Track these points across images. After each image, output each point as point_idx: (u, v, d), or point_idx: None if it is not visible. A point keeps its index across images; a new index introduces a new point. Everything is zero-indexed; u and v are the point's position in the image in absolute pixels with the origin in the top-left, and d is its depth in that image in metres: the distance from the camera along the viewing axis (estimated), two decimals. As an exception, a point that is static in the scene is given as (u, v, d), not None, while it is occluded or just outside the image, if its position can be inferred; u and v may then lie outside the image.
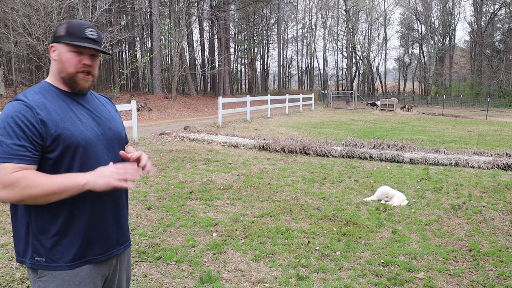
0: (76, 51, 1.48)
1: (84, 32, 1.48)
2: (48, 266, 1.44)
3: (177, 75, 27.36)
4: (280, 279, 3.26)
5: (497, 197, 5.73)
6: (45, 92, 1.48)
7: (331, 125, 16.56)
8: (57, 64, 1.50)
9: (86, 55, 1.50)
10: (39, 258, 1.44)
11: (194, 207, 5.08)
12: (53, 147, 1.41)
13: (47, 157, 1.41)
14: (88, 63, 1.50)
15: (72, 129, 1.44)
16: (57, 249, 1.44)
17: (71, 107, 1.49)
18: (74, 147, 1.43)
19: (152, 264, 3.51)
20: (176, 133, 11.46)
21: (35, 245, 1.44)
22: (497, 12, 45.27)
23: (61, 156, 1.42)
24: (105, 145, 1.54)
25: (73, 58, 1.48)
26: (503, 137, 13.23)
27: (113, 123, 1.63)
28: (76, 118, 1.47)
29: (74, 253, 1.46)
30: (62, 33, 1.48)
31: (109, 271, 1.60)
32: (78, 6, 18.36)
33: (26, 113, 1.37)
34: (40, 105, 1.41)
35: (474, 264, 3.59)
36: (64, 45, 1.48)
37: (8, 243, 3.89)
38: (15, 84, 22.61)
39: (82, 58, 1.49)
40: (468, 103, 39.56)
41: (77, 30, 1.48)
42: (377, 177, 6.90)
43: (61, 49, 1.48)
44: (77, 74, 1.49)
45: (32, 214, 1.43)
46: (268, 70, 56.47)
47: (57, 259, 1.44)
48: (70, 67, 1.48)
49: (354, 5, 40.12)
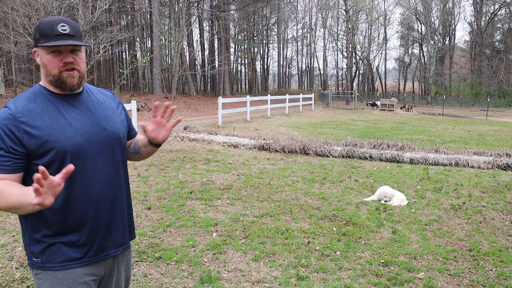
0: (53, 51, 1.42)
1: (56, 28, 1.40)
2: (43, 267, 1.46)
3: (177, 75, 27.37)
4: (280, 279, 3.26)
5: (497, 197, 5.73)
6: (35, 97, 1.46)
7: (331, 125, 16.56)
8: (42, 68, 1.47)
9: (64, 52, 1.43)
10: (35, 259, 1.48)
11: (194, 207, 5.08)
12: (39, 154, 1.39)
13: (34, 163, 1.40)
14: (68, 60, 1.43)
15: (58, 136, 1.41)
16: (51, 250, 1.46)
17: (61, 110, 1.46)
18: (61, 154, 1.41)
19: (152, 264, 3.51)
20: (176, 133, 11.46)
21: (32, 247, 1.48)
22: (497, 12, 45.28)
23: (49, 163, 1.40)
24: (98, 147, 1.50)
25: (53, 60, 1.42)
26: (503, 137, 13.23)
27: (109, 123, 1.56)
28: (65, 123, 1.44)
29: (67, 254, 1.47)
30: (37, 36, 1.43)
31: (105, 271, 1.60)
32: (78, 6, 18.37)
33: (8, 122, 1.37)
34: (25, 111, 1.40)
35: (474, 264, 3.59)
36: (42, 48, 1.43)
37: (8, 243, 3.90)
38: (15, 84, 22.61)
39: (62, 57, 1.43)
40: (468, 103, 39.55)
41: (48, 29, 1.40)
42: (377, 177, 6.90)
43: (41, 53, 1.44)
44: (61, 73, 1.44)
45: (27, 217, 1.47)
46: (268, 70, 56.48)
47: (51, 259, 1.46)
48: (53, 68, 1.43)
49: (354, 5, 40.13)
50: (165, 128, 1.64)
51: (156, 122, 1.63)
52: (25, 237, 1.50)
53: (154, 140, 1.65)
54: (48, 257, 1.46)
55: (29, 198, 1.25)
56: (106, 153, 1.53)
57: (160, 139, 1.65)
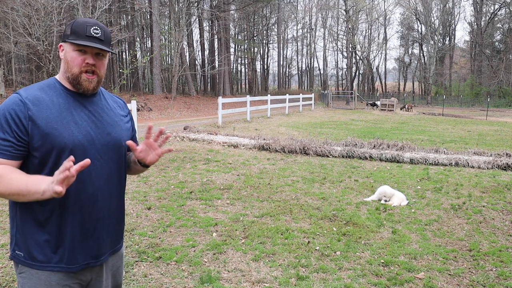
0: (80, 50, 1.46)
1: (88, 30, 1.45)
2: (25, 262, 1.45)
3: (177, 75, 27.36)
4: (280, 279, 3.26)
5: (497, 197, 5.73)
6: (48, 89, 1.47)
7: (331, 125, 16.56)
8: (64, 63, 1.49)
9: (90, 54, 1.46)
10: (18, 251, 1.46)
11: (194, 207, 5.08)
12: (38, 145, 1.39)
13: (33, 155, 1.40)
14: (91, 62, 1.46)
15: (62, 131, 1.41)
16: (35, 247, 1.44)
17: (70, 107, 1.46)
18: (59, 149, 1.40)
19: (152, 264, 3.51)
20: (176, 133, 11.46)
21: (17, 239, 1.46)
22: (497, 12, 45.29)
23: (46, 156, 1.40)
24: (98, 150, 1.49)
25: (77, 58, 1.46)
26: (503, 137, 13.23)
27: (114, 129, 1.56)
28: (71, 120, 1.44)
29: (48, 256, 1.44)
30: (68, 32, 1.47)
31: (91, 276, 1.55)
32: (78, 6, 18.36)
33: (17, 107, 1.37)
34: (35, 100, 1.40)
35: (474, 264, 3.59)
36: (69, 44, 1.47)
37: (8, 243, 3.89)
38: (15, 84, 22.62)
39: (85, 57, 1.46)
40: (468, 103, 39.56)
41: (81, 29, 1.45)
42: (377, 177, 6.90)
43: (67, 48, 1.47)
44: (81, 74, 1.46)
45: (18, 208, 1.45)
46: (268, 70, 56.49)
47: (34, 257, 1.44)
48: (74, 66, 1.46)
49: (354, 5, 40.14)
50: (155, 152, 1.60)
51: (147, 144, 1.58)
52: (13, 228, 1.48)
53: (142, 160, 1.61)
54: (30, 253, 1.44)
55: (38, 186, 1.28)
56: (105, 158, 1.52)
57: (147, 162, 1.60)
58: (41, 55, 17.80)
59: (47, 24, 17.40)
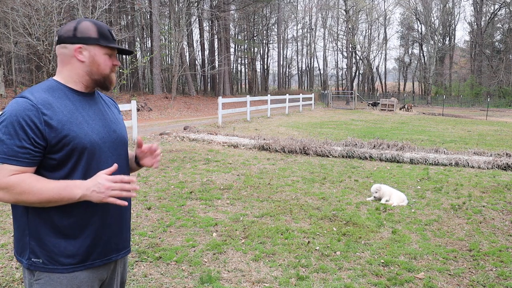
0: (109, 53, 1.51)
1: (112, 33, 1.53)
2: (45, 268, 1.41)
3: (177, 75, 27.37)
4: (280, 279, 3.26)
5: (497, 197, 5.73)
6: (53, 91, 1.44)
7: (331, 125, 16.56)
8: (87, 66, 1.47)
9: (114, 55, 1.54)
10: (35, 259, 1.42)
11: (194, 207, 5.08)
12: (58, 148, 1.37)
13: (50, 158, 1.38)
14: (117, 63, 1.56)
15: (78, 131, 1.40)
16: (55, 251, 1.41)
17: (78, 107, 1.46)
18: (80, 149, 1.40)
19: (152, 264, 3.51)
20: (176, 133, 11.46)
21: (32, 246, 1.42)
22: (497, 12, 45.29)
23: (66, 157, 1.39)
24: (109, 148, 1.52)
25: (108, 60, 1.51)
26: (503, 137, 13.23)
27: (118, 126, 1.60)
28: (82, 120, 1.44)
29: (73, 256, 1.43)
30: (94, 35, 1.47)
31: (107, 274, 1.58)
32: (78, 6, 18.37)
33: (30, 112, 1.32)
34: (46, 104, 1.37)
35: (474, 264, 3.59)
36: (98, 47, 1.48)
37: (8, 243, 3.90)
38: (15, 84, 22.63)
39: (112, 59, 1.53)
40: (468, 103, 39.54)
41: (107, 32, 1.51)
42: (377, 177, 6.90)
43: (94, 51, 1.48)
44: (111, 74, 1.54)
45: (30, 215, 1.41)
46: (268, 70, 56.48)
47: (55, 261, 1.41)
48: (106, 68, 1.51)
49: (354, 5, 40.13)
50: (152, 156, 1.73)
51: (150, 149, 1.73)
52: (24, 236, 1.43)
53: (140, 158, 1.74)
54: (51, 258, 1.41)
55: (72, 192, 1.35)
56: (116, 155, 1.55)
57: (141, 162, 1.75)
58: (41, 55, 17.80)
59: (47, 24, 17.40)
